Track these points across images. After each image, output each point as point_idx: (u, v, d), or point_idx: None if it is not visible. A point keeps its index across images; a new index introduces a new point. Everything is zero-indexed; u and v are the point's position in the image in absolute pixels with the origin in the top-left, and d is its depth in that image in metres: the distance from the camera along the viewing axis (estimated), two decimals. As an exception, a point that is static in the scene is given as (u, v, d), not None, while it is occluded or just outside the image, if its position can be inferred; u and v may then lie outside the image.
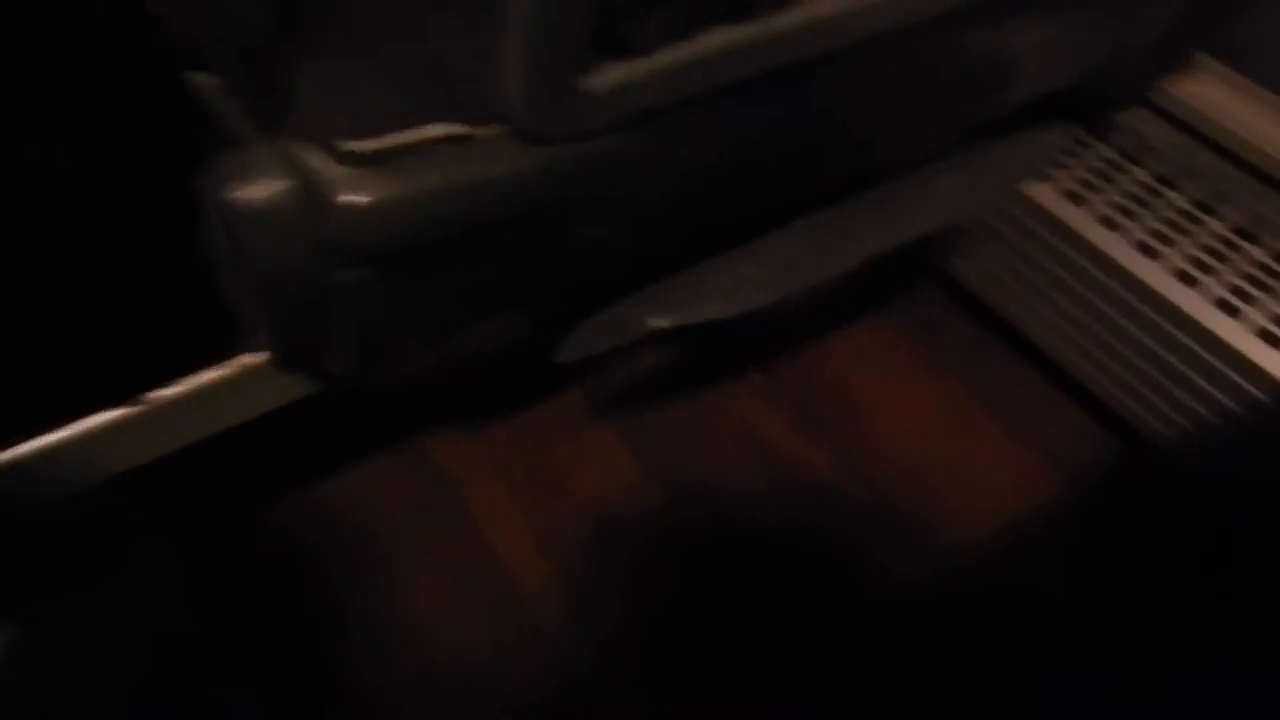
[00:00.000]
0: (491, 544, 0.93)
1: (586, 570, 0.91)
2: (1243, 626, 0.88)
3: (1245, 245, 0.87)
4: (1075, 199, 0.92)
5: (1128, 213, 0.90)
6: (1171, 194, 0.91)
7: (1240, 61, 0.85)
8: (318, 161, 0.39)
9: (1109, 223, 0.90)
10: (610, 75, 0.40)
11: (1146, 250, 0.88)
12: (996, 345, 1.08)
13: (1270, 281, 0.85)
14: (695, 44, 0.41)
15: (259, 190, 0.40)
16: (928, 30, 0.50)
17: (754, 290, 0.58)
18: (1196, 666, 0.86)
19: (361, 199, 0.39)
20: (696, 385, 1.06)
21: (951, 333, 1.10)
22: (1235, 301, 0.84)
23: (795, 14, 0.43)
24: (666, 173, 0.48)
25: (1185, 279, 0.86)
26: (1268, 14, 0.81)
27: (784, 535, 0.95)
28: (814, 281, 0.58)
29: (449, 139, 0.40)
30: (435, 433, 1.00)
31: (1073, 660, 0.87)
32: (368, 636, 0.87)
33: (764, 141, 0.51)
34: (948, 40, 0.58)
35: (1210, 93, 0.86)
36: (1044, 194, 0.92)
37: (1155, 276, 0.87)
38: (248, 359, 0.56)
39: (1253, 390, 0.83)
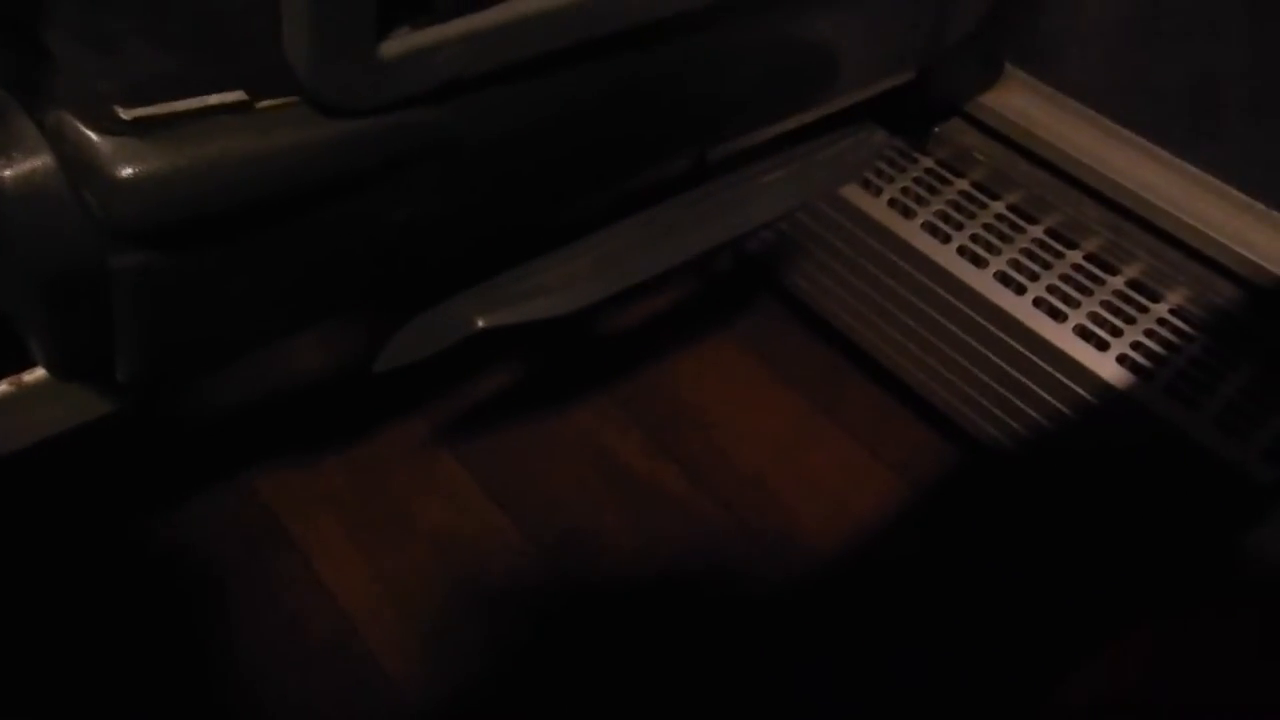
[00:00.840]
0: (328, 587, 0.88)
1: (432, 612, 0.87)
2: (1082, 615, 0.91)
3: (1064, 249, 0.91)
4: (903, 210, 0.94)
5: (953, 222, 0.93)
6: (993, 202, 0.94)
7: (1045, 70, 0.89)
8: (83, 131, 0.35)
9: (935, 232, 0.92)
10: (407, 42, 0.38)
11: (973, 258, 0.91)
12: (838, 358, 1.09)
13: (1088, 283, 0.88)
14: (501, 10, 0.40)
15: (15, 167, 0.36)
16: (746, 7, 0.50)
17: (583, 288, 0.56)
18: (1041, 658, 0.88)
19: (131, 170, 0.35)
20: (540, 408, 1.04)
21: (794, 347, 1.11)
22: (1058, 304, 0.87)
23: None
24: (484, 148, 0.46)
25: (1010, 285, 0.89)
26: (1066, 23, 0.85)
27: (637, 559, 0.93)
28: (643, 278, 0.57)
29: (235, 107, 0.37)
30: (260, 466, 0.94)
31: (921, 653, 0.88)
32: (199, 694, 0.81)
33: (586, 115, 0.49)
34: (766, 22, 0.58)
35: (1020, 102, 0.90)
36: (872, 205, 0.94)
37: (982, 283, 0.90)
38: (27, 375, 0.51)
39: (1078, 390, 0.86)
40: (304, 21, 0.34)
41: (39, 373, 0.51)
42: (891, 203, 0.95)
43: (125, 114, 0.35)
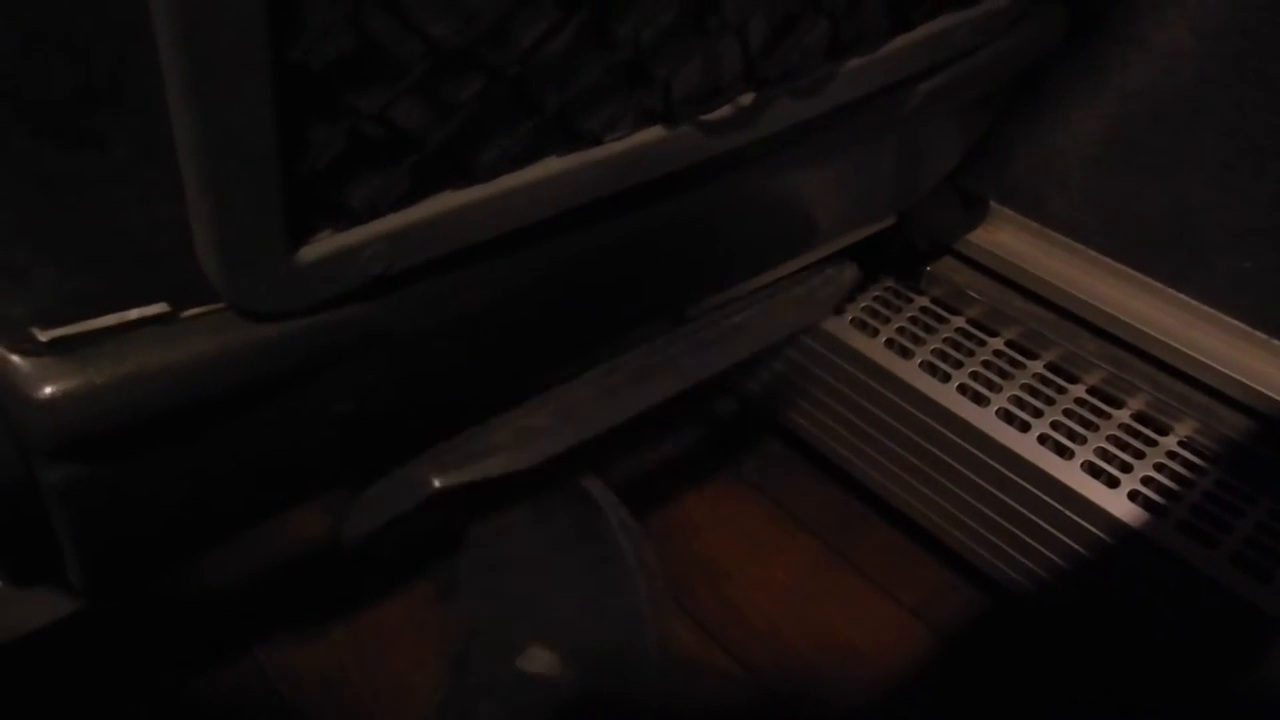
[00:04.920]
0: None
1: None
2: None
3: (1065, 384, 0.89)
4: (900, 350, 0.93)
5: (951, 360, 0.91)
6: (990, 339, 0.93)
7: (1029, 206, 0.88)
8: (1, 354, 0.36)
9: (934, 371, 0.91)
10: (326, 245, 0.38)
11: (974, 396, 0.89)
12: (850, 500, 1.07)
13: (1093, 418, 0.86)
14: (418, 210, 0.40)
15: (-58, 389, 0.36)
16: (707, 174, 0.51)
17: (542, 440, 0.55)
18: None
19: (49, 390, 0.35)
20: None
21: (804, 491, 1.09)
22: (1064, 440, 0.85)
23: (526, 175, 0.42)
24: (424, 336, 0.46)
25: (1014, 422, 0.87)
26: (1044, 161, 0.85)
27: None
28: (604, 427, 0.56)
29: (157, 319, 0.38)
30: (264, 638, 0.93)
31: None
32: None
33: (537, 295, 0.50)
34: (736, 185, 0.59)
35: (1008, 239, 0.89)
36: (869, 346, 0.93)
37: (985, 421, 0.88)
38: (-12, 578, 0.51)
39: (1090, 528, 0.83)
40: (213, 235, 0.35)
41: (-2, 576, 0.51)
42: (889, 343, 0.94)
43: (42, 335, 0.35)
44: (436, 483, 0.52)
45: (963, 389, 0.90)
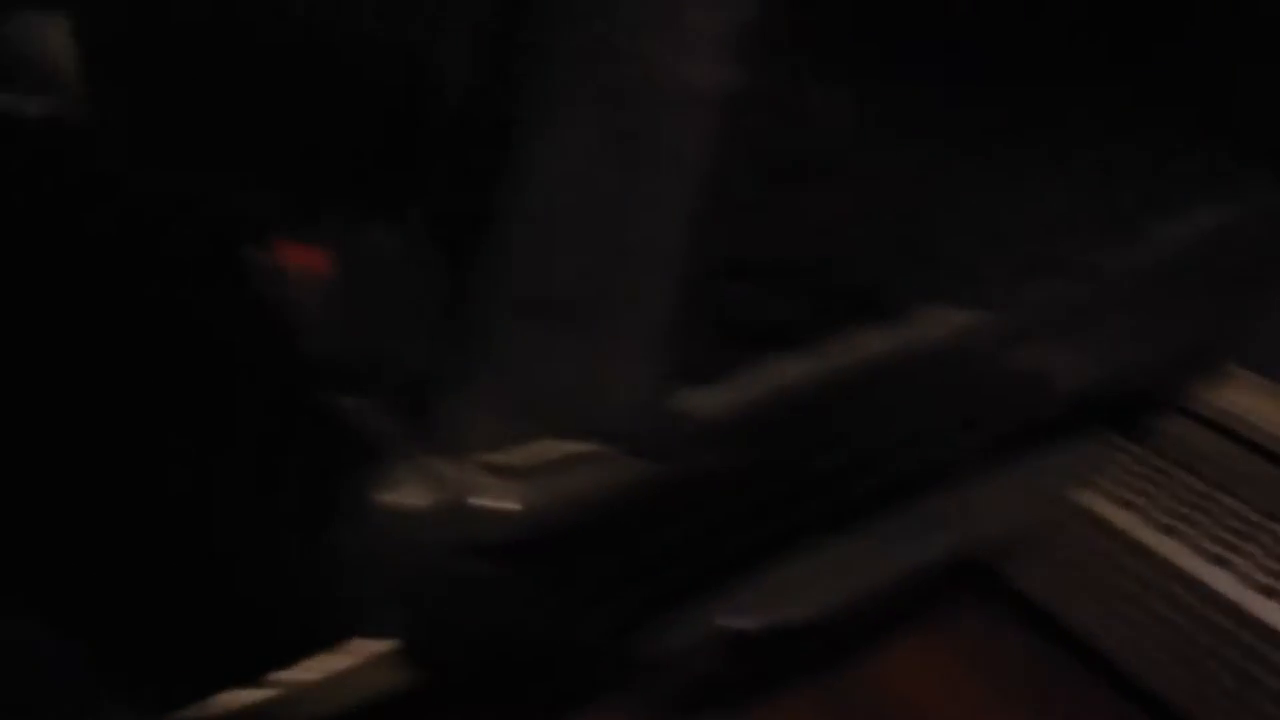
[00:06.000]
0: None
1: None
2: None
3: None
4: (1129, 506, 0.93)
5: (1187, 520, 0.91)
6: (1230, 501, 0.92)
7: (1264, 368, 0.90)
8: (462, 472, 0.46)
9: (1170, 530, 0.91)
10: (704, 402, 0.48)
11: (1217, 560, 0.88)
12: (1061, 658, 1.04)
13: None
14: (775, 373, 0.49)
15: (413, 498, 0.47)
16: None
17: (829, 593, 0.62)
18: None
19: (508, 506, 0.45)
20: (749, 700, 1.02)
21: (1014, 644, 1.06)
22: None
23: (862, 344, 0.51)
24: (753, 481, 0.55)
25: (1264, 590, 0.86)
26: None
27: None
28: (878, 585, 0.62)
29: (588, 457, 0.47)
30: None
31: None
32: None
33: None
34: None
35: (1248, 400, 0.90)
36: (1098, 502, 0.93)
37: (1235, 591, 0.86)
38: (373, 645, 0.61)
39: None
40: (630, 397, 0.45)
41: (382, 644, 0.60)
42: (1118, 499, 0.93)
43: (498, 460, 0.46)
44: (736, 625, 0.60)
45: (1202, 551, 0.89)
